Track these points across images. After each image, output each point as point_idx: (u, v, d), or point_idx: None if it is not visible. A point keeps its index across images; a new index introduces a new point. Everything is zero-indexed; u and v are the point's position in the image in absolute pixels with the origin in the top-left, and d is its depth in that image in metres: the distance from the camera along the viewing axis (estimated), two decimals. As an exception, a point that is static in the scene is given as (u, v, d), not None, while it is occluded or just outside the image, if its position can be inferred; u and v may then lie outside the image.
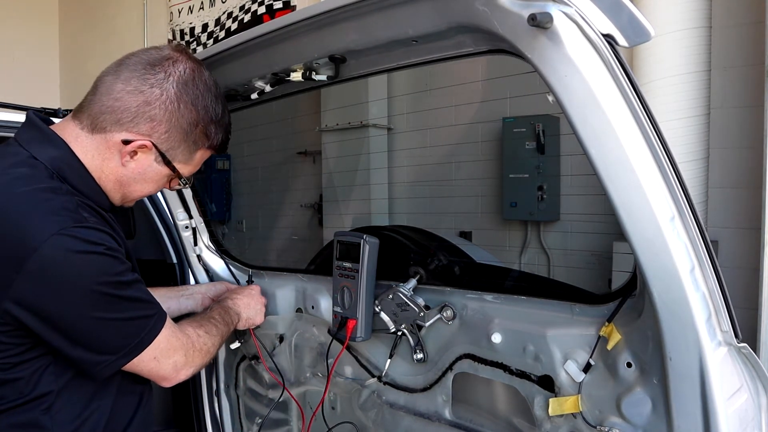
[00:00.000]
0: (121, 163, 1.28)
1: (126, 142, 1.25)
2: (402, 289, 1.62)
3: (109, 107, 1.23)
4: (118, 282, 1.18)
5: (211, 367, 2.32)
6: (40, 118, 1.29)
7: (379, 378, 1.74)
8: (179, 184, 1.40)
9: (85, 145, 1.26)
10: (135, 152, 1.26)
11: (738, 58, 3.70)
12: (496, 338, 1.46)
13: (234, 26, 6.12)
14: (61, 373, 1.21)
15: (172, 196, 2.13)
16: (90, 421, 1.26)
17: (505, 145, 4.81)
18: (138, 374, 1.29)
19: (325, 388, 1.83)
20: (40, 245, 1.08)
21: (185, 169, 1.35)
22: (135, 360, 1.23)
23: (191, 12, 6.67)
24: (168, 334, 1.30)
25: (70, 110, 2.10)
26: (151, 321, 1.26)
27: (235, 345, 2.08)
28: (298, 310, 2.00)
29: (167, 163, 1.30)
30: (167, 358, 1.30)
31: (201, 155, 1.36)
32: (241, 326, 1.79)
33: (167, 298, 1.80)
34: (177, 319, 1.88)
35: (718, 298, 1.08)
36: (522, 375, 1.42)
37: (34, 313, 1.12)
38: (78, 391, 1.24)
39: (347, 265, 1.69)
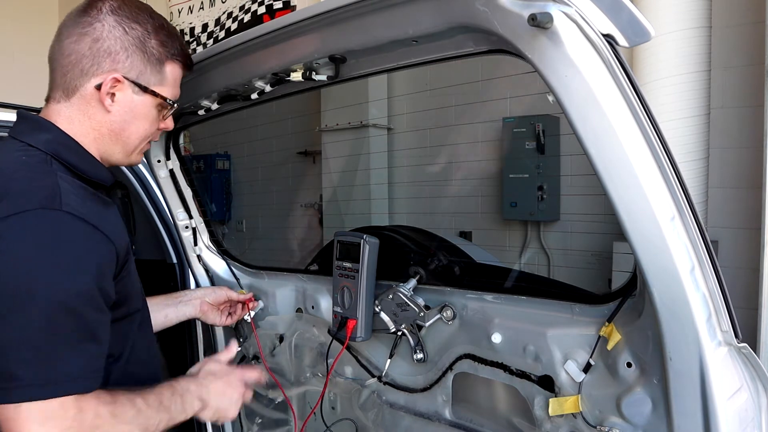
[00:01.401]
0: (106, 111, 1.28)
1: (99, 87, 1.26)
2: (402, 289, 1.62)
3: (68, 64, 1.25)
4: (50, 299, 1.03)
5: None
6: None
7: (379, 378, 1.74)
8: (170, 109, 1.37)
9: (69, 115, 1.27)
10: (112, 94, 1.27)
11: (738, 58, 3.70)
12: (496, 338, 1.46)
13: (234, 26, 6.12)
14: None
15: (173, 196, 2.13)
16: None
17: (505, 145, 4.82)
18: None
19: (323, 388, 1.83)
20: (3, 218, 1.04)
21: (166, 90, 1.33)
22: (15, 405, 1.01)
23: (191, 12, 6.67)
24: (57, 401, 1.04)
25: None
26: (58, 372, 1.04)
27: (235, 347, 2.07)
28: (298, 310, 2.01)
29: (145, 89, 1.29)
30: (37, 423, 1.02)
31: (172, 71, 1.33)
32: (207, 417, 1.45)
33: (165, 306, 1.78)
34: (176, 327, 1.88)
35: (718, 298, 1.08)
36: (522, 375, 1.42)
37: None
38: None
39: (347, 265, 1.69)
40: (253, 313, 2.00)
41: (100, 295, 1.11)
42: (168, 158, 2.05)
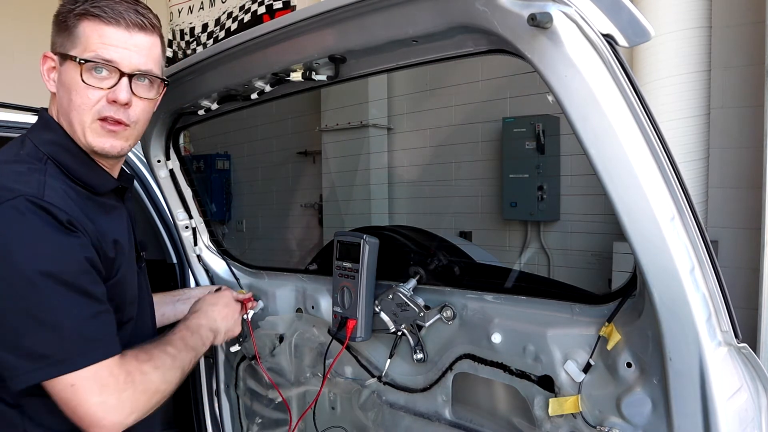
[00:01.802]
0: (50, 89, 1.28)
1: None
2: (402, 289, 1.62)
3: None
4: (54, 277, 1.07)
5: (211, 367, 2.32)
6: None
7: (379, 378, 1.74)
8: (92, 73, 1.21)
9: (54, 108, 1.30)
10: (51, 70, 1.27)
11: (738, 58, 3.70)
12: (496, 338, 1.46)
13: (234, 26, 6.12)
14: None
15: (173, 196, 2.13)
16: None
17: (505, 145, 4.82)
18: (61, 408, 1.11)
19: (320, 389, 1.83)
20: None
21: (79, 50, 1.21)
22: (52, 382, 1.08)
23: (191, 12, 6.68)
24: (102, 367, 1.11)
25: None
26: (87, 341, 1.10)
27: (235, 348, 2.08)
28: (298, 310, 2.00)
29: (63, 56, 1.22)
30: (93, 394, 1.10)
31: (83, 29, 1.21)
32: (219, 341, 1.63)
33: (163, 304, 1.78)
34: (171, 326, 1.88)
35: (718, 298, 1.08)
36: (522, 375, 1.42)
37: None
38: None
39: (347, 265, 1.69)
40: (252, 313, 2.00)
41: (92, 268, 1.15)
42: (168, 158, 2.05)
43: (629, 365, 1.22)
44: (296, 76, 1.48)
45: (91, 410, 1.10)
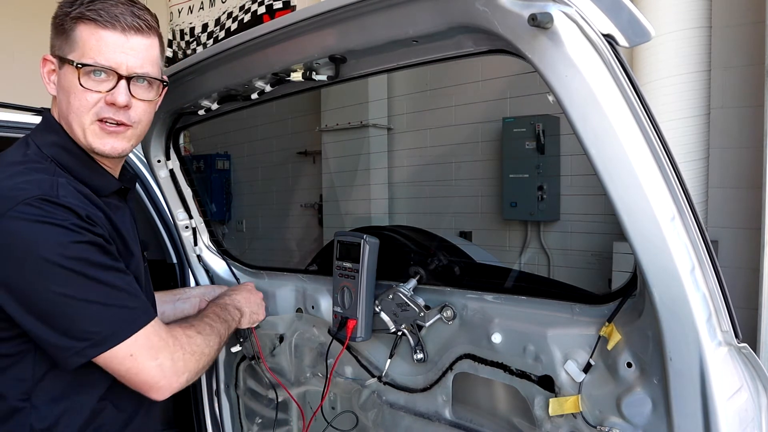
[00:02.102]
0: (50, 92, 1.29)
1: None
2: (402, 289, 1.62)
3: None
4: (85, 260, 1.12)
5: (211, 367, 2.32)
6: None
7: (379, 378, 1.74)
8: (90, 77, 1.22)
9: (53, 110, 1.30)
10: (51, 73, 1.28)
11: (738, 58, 3.70)
12: (496, 338, 1.46)
13: (234, 26, 6.12)
14: (41, 361, 1.18)
15: (173, 196, 2.13)
16: (65, 419, 1.20)
17: (505, 145, 4.82)
18: (121, 379, 1.19)
19: (326, 389, 1.83)
20: (2, 215, 1.09)
21: (77, 54, 1.22)
22: (108, 354, 1.14)
23: (191, 12, 6.67)
24: (151, 332, 1.19)
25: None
26: (130, 313, 1.17)
27: (235, 348, 2.08)
28: (298, 310, 2.00)
29: (63, 60, 1.23)
30: (149, 358, 1.18)
31: (80, 32, 1.22)
32: (245, 323, 1.75)
33: (162, 303, 1.78)
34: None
35: (718, 298, 1.08)
36: (522, 375, 1.42)
37: (1, 287, 1.11)
38: (59, 384, 1.19)
39: (347, 265, 1.69)
40: None
41: (113, 248, 1.20)
42: (168, 158, 2.05)
43: (629, 365, 1.22)
44: (296, 76, 1.48)
45: (151, 373, 1.19)
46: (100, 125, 1.25)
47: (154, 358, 1.19)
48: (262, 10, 5.80)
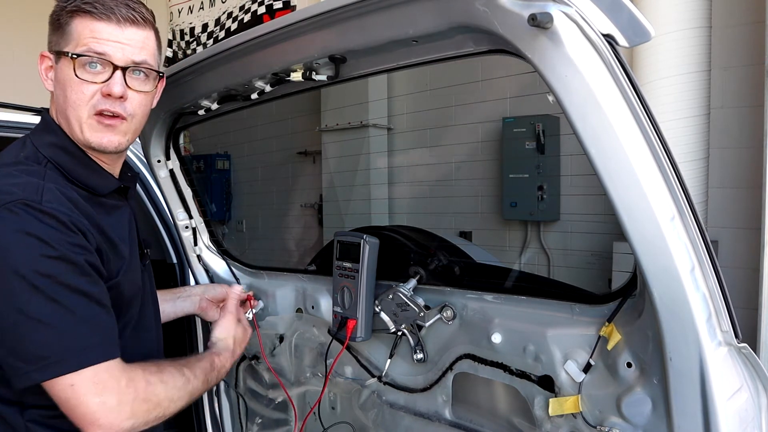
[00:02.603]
0: (48, 88, 1.29)
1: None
2: (402, 289, 1.62)
3: None
4: (54, 278, 1.08)
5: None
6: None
7: (379, 378, 1.74)
8: (86, 68, 1.22)
9: (53, 109, 1.30)
10: (49, 69, 1.27)
11: (738, 58, 3.70)
12: (496, 338, 1.46)
13: (234, 26, 6.12)
14: None
15: (172, 196, 2.13)
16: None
17: (505, 145, 4.82)
18: (60, 407, 1.11)
19: (323, 389, 1.83)
20: None
21: (72, 46, 1.22)
22: (51, 382, 1.08)
23: (191, 12, 6.67)
24: (102, 369, 1.10)
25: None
26: (85, 345, 1.09)
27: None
28: (298, 310, 2.00)
29: (58, 53, 1.23)
30: (92, 394, 1.09)
31: (75, 25, 1.22)
32: (239, 356, 1.62)
33: (163, 301, 1.77)
34: (175, 323, 1.87)
35: (718, 298, 1.08)
36: (522, 375, 1.42)
37: None
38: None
39: (347, 265, 1.69)
40: (254, 311, 2.00)
41: (92, 269, 1.15)
42: (168, 158, 2.05)
43: (629, 365, 1.22)
44: (296, 76, 1.48)
45: (90, 410, 1.09)
46: (97, 119, 1.24)
47: (97, 395, 1.10)
48: (262, 10, 5.80)
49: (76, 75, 1.21)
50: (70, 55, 1.21)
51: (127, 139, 1.30)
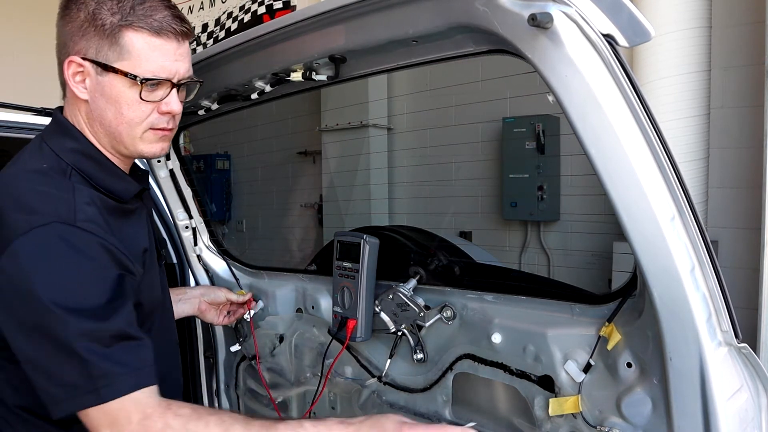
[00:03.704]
0: (83, 100, 1.20)
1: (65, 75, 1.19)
2: (402, 289, 1.62)
3: (57, 62, 1.22)
4: (83, 310, 1.02)
5: (211, 367, 2.32)
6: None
7: (379, 378, 1.74)
8: (148, 88, 1.17)
9: (71, 112, 1.23)
10: (83, 81, 1.19)
11: (738, 58, 3.70)
12: (496, 338, 1.46)
13: (234, 26, 6.12)
14: None
15: (172, 196, 2.13)
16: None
17: (505, 145, 4.82)
18: None
19: (321, 389, 1.83)
20: (15, 239, 1.03)
21: (130, 65, 1.15)
22: (84, 413, 1.03)
23: (191, 12, 6.67)
24: (133, 402, 1.02)
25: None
26: (117, 371, 1.02)
27: (235, 348, 2.08)
28: (298, 310, 2.00)
29: (106, 67, 1.15)
30: (102, 427, 1.02)
31: (133, 41, 1.14)
32: None
33: None
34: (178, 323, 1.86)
35: (718, 298, 1.08)
36: (522, 375, 1.42)
37: (6, 313, 1.05)
38: None
39: (347, 265, 1.69)
40: (252, 313, 2.00)
41: (121, 290, 1.09)
42: (168, 158, 2.05)
43: (629, 365, 1.22)
44: (296, 76, 1.48)
45: None
46: (152, 132, 1.22)
47: (107, 427, 1.03)
48: (262, 10, 5.80)
49: (141, 98, 1.17)
50: (139, 80, 1.15)
51: (169, 143, 1.31)
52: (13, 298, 1.04)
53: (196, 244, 2.19)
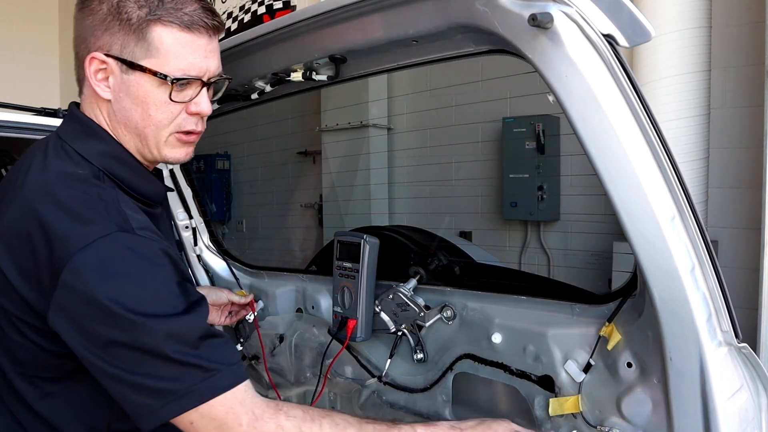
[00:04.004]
0: (105, 99, 1.11)
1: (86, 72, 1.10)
2: (402, 289, 1.62)
3: (74, 53, 1.13)
4: (159, 315, 0.98)
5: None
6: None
7: (380, 378, 1.74)
8: (178, 88, 1.09)
9: (89, 110, 1.14)
10: (105, 78, 1.10)
11: (738, 58, 3.70)
12: (496, 338, 1.46)
13: (234, 26, 6.11)
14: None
15: (172, 196, 2.13)
16: None
17: (505, 145, 4.82)
18: None
19: (321, 389, 1.83)
20: (76, 253, 0.96)
21: (158, 63, 1.07)
22: (177, 418, 0.98)
23: (191, 12, 6.66)
24: (239, 403, 0.99)
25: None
26: (212, 369, 0.99)
27: (236, 347, 2.08)
28: (299, 310, 2.01)
29: (132, 65, 1.07)
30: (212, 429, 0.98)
31: (162, 36, 1.06)
32: None
33: None
34: None
35: (718, 298, 1.08)
36: (522, 375, 1.42)
37: (77, 331, 0.98)
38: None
39: (347, 265, 1.69)
40: (254, 315, 2.00)
41: (192, 294, 1.05)
42: (168, 158, 2.04)
43: (629, 365, 1.22)
44: (296, 76, 1.48)
45: None
46: (177, 136, 1.15)
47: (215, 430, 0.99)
48: (262, 10, 5.80)
49: (171, 99, 1.09)
50: (169, 79, 1.07)
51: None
52: (85, 316, 0.97)
53: (196, 244, 2.19)
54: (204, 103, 1.13)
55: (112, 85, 1.10)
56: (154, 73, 1.07)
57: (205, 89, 1.13)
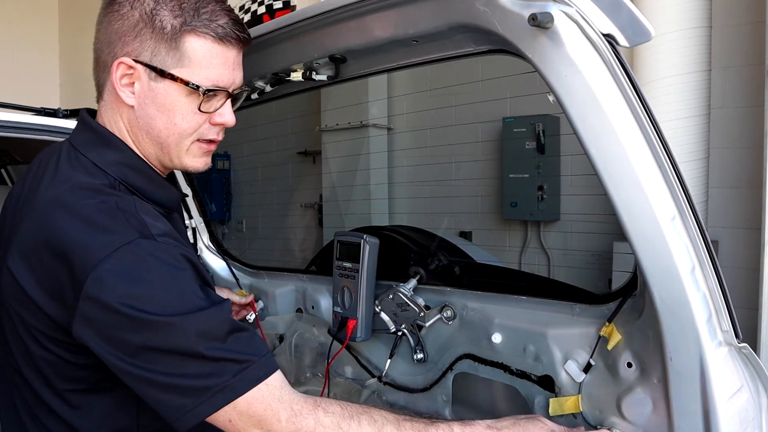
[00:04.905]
0: (128, 105, 1.10)
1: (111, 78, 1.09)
2: (402, 289, 1.62)
3: (95, 57, 1.12)
4: (186, 314, 0.98)
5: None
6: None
7: (380, 378, 1.74)
8: (211, 97, 1.10)
9: (108, 117, 1.13)
10: (131, 84, 1.09)
11: (738, 58, 3.70)
12: (497, 338, 1.46)
13: (234, 26, 6.11)
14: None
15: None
16: None
17: (505, 145, 4.82)
18: None
19: (323, 390, 1.83)
20: (99, 263, 0.95)
21: (189, 72, 1.07)
22: (215, 416, 0.98)
23: (191, 12, 6.66)
24: (276, 399, 0.99)
25: (70, 110, 2.09)
26: (245, 361, 0.99)
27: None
28: (298, 310, 2.01)
29: (162, 73, 1.07)
30: (252, 425, 0.98)
31: (195, 47, 1.07)
32: None
33: None
34: None
35: (719, 298, 1.08)
36: (522, 375, 1.42)
37: (105, 340, 0.98)
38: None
39: (347, 265, 1.69)
40: (254, 315, 2.00)
41: (214, 294, 1.06)
42: (168, 158, 2.04)
43: (630, 365, 1.22)
44: (296, 76, 1.48)
45: None
46: (198, 144, 1.15)
47: (255, 426, 1.00)
48: (262, 10, 5.80)
49: (200, 109, 1.10)
50: (201, 91, 1.08)
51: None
52: (113, 325, 0.96)
53: (195, 244, 2.19)
54: (228, 114, 1.15)
55: (137, 92, 1.10)
56: (186, 83, 1.07)
57: (229, 101, 1.14)
